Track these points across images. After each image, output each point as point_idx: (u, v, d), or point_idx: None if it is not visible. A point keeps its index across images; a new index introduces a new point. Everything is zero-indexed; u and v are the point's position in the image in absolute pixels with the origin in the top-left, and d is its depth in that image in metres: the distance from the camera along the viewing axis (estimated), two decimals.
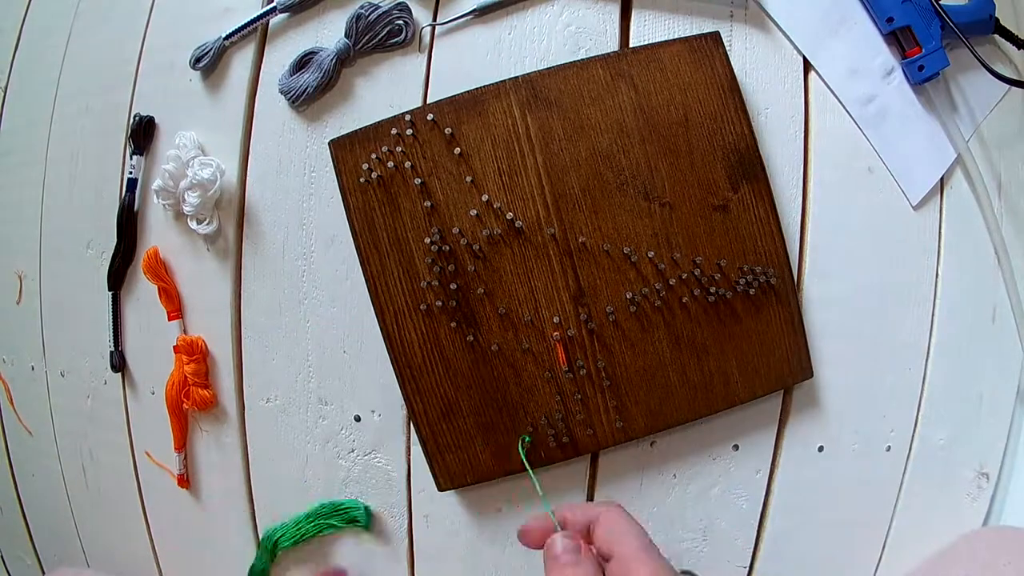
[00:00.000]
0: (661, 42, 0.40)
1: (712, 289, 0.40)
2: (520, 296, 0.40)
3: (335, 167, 0.40)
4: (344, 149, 0.40)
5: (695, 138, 0.40)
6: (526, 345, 0.40)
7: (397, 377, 0.40)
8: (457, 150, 0.39)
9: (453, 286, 0.39)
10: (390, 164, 0.39)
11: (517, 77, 0.39)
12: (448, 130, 0.39)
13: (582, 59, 0.40)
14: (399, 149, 0.39)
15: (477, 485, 0.42)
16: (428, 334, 0.40)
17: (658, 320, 0.40)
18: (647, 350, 0.40)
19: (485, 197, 0.39)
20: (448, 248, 0.39)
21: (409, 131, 0.39)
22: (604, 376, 0.40)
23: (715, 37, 0.40)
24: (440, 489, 0.41)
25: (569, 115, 0.39)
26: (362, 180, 0.40)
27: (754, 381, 0.41)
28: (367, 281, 0.40)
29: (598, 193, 0.39)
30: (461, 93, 0.40)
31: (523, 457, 0.39)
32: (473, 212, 0.39)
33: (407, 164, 0.39)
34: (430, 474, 0.41)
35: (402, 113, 0.39)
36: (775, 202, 0.40)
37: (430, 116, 0.39)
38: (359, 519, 0.43)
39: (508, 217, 0.39)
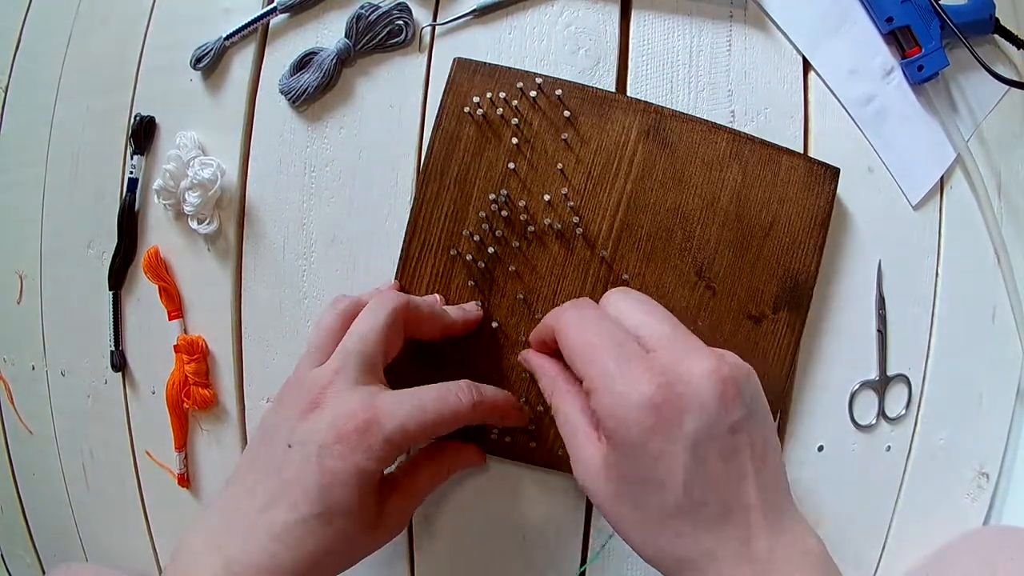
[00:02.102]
0: (786, 148, 0.40)
1: None
2: (543, 293, 0.40)
3: (448, 82, 0.40)
4: (466, 72, 0.40)
5: (768, 248, 0.40)
6: (524, 338, 0.40)
7: None
8: (565, 136, 0.39)
9: (491, 249, 0.39)
10: (499, 111, 0.39)
11: (651, 104, 0.40)
12: (567, 113, 0.39)
13: (715, 123, 0.40)
14: (515, 103, 0.39)
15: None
16: (443, 277, 0.40)
17: None
18: None
19: (564, 190, 0.39)
20: (506, 214, 0.39)
21: (533, 93, 0.39)
22: None
23: (834, 172, 0.40)
24: None
25: (676, 164, 0.39)
26: (466, 109, 0.39)
27: None
28: (415, 200, 0.40)
29: (660, 245, 0.40)
30: (595, 88, 0.40)
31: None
32: (546, 197, 0.39)
33: (514, 120, 0.39)
34: None
35: (535, 73, 0.40)
36: (800, 342, 0.41)
37: (558, 92, 0.39)
38: None
39: (574, 220, 0.39)
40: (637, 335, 0.29)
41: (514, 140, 0.39)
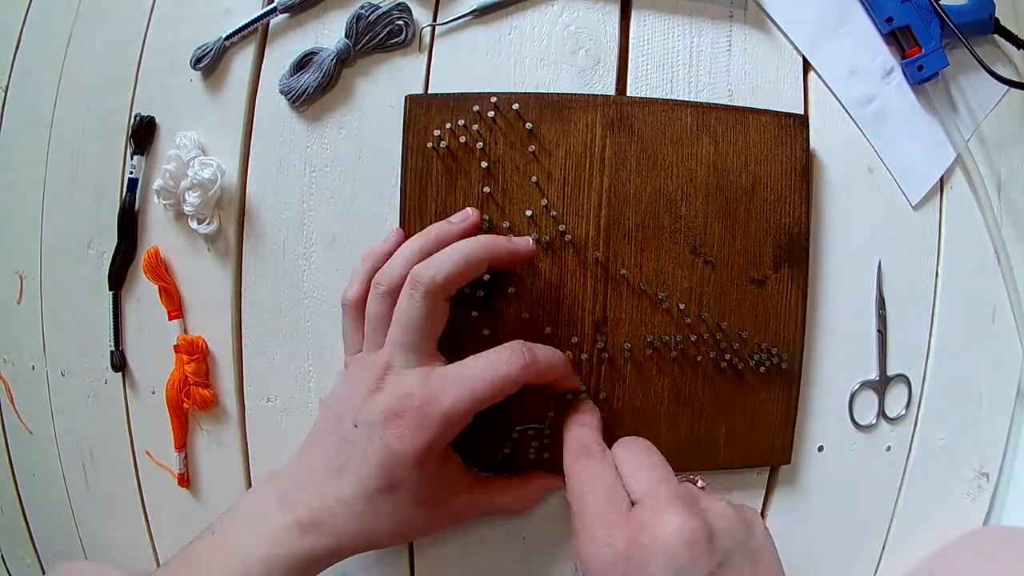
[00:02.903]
0: (751, 108, 0.40)
1: (727, 356, 0.40)
2: (546, 307, 0.40)
3: (404, 122, 0.40)
4: (420, 108, 0.39)
5: (755, 209, 0.40)
6: None
7: None
8: (531, 148, 0.39)
9: (486, 277, 0.39)
10: (462, 139, 0.39)
11: (609, 96, 0.39)
12: (528, 125, 0.39)
13: (676, 99, 0.40)
14: (475, 127, 0.39)
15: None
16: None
17: (668, 369, 0.40)
18: (648, 394, 0.40)
19: (544, 202, 0.39)
20: None
21: (491, 113, 0.39)
22: (600, 406, 0.40)
23: (802, 120, 0.40)
24: None
25: (647, 149, 0.39)
26: (429, 145, 0.39)
27: (736, 453, 0.41)
28: None
29: (650, 233, 0.40)
30: (550, 93, 0.40)
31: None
32: (528, 213, 0.39)
33: (478, 145, 0.39)
34: None
35: (488, 93, 0.39)
36: (808, 292, 0.41)
37: (515, 106, 0.39)
38: None
39: (560, 229, 0.39)
40: (629, 484, 0.32)
41: (483, 164, 0.39)
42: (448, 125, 0.39)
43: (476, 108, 0.39)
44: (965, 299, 0.45)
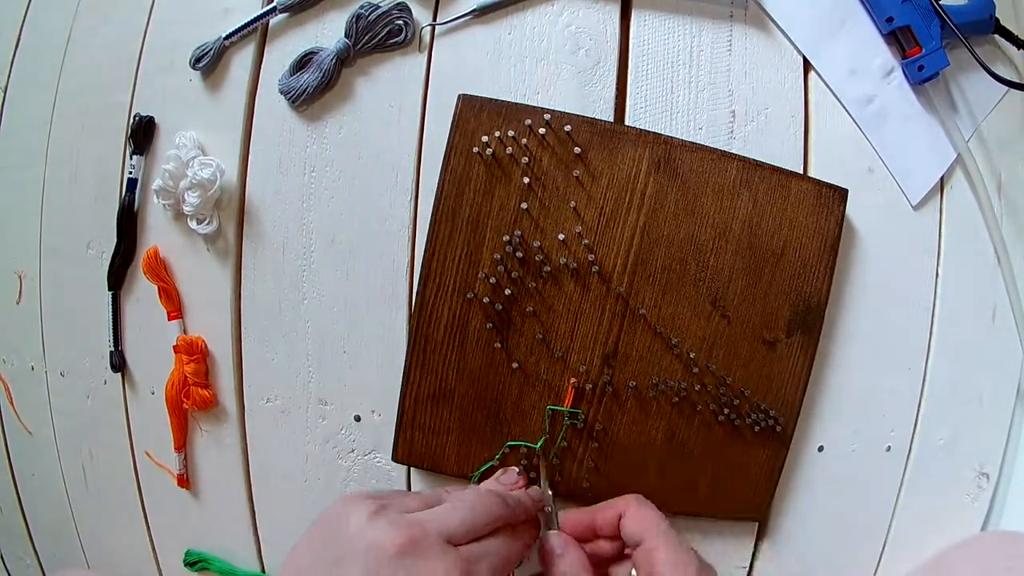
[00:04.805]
0: (795, 173, 0.41)
1: (726, 410, 0.40)
2: (561, 331, 0.40)
3: (454, 120, 0.39)
4: (472, 110, 0.39)
5: (780, 273, 0.40)
6: (545, 376, 0.40)
7: (408, 345, 0.40)
8: (576, 172, 0.39)
9: (507, 291, 0.39)
10: (508, 150, 0.39)
11: (660, 135, 0.39)
12: (577, 149, 0.39)
13: (724, 151, 0.40)
14: (524, 141, 0.39)
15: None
16: (460, 320, 0.40)
17: (667, 412, 0.40)
18: (643, 433, 0.41)
19: (578, 229, 0.39)
20: (521, 256, 0.39)
21: (542, 130, 0.39)
22: (594, 437, 0.40)
23: (842, 193, 0.41)
24: (395, 460, 0.41)
25: (687, 195, 0.39)
26: (475, 149, 0.39)
27: (716, 501, 0.42)
28: (427, 243, 0.39)
29: (675, 277, 0.40)
30: (603, 120, 0.40)
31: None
32: (560, 236, 0.39)
33: (524, 159, 0.39)
34: (392, 443, 0.41)
35: (542, 108, 0.39)
36: (814, 362, 0.41)
37: (567, 127, 0.39)
38: None
39: (589, 258, 0.39)
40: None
41: (525, 179, 0.39)
42: (497, 133, 0.39)
43: (528, 122, 0.39)
44: (965, 299, 0.45)
